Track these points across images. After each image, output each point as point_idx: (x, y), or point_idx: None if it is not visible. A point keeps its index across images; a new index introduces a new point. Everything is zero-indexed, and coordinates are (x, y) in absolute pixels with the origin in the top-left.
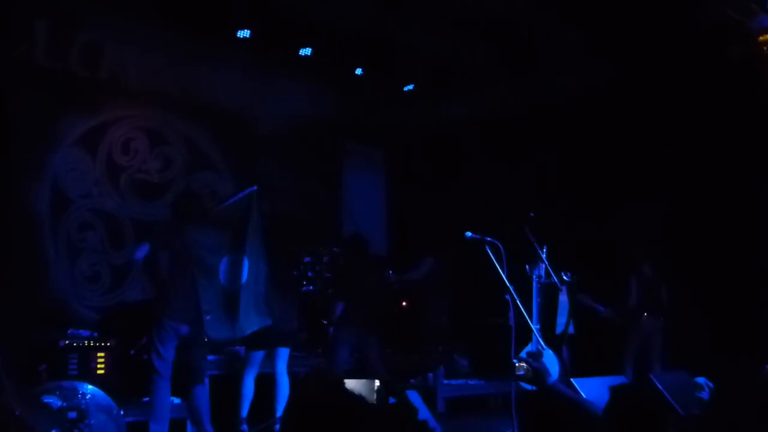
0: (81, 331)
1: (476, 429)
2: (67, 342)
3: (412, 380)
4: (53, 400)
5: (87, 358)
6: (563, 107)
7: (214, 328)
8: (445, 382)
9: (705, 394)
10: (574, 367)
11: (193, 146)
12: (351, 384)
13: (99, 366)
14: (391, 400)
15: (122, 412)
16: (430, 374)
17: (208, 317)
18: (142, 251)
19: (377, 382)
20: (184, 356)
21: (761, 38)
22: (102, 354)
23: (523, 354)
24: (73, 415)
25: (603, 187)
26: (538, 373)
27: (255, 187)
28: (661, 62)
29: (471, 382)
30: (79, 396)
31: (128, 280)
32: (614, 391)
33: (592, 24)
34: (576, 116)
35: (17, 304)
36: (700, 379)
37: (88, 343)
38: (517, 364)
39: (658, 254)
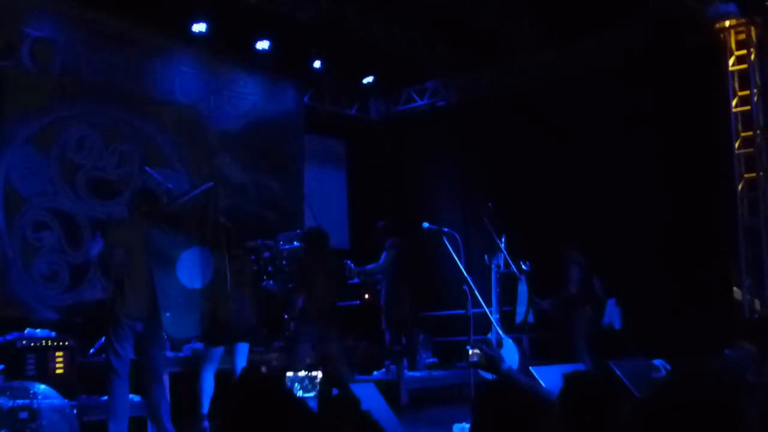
0: (39, 330)
1: (438, 420)
2: (24, 342)
3: (375, 372)
4: (3, 401)
5: (45, 358)
6: (520, 98)
7: (174, 326)
8: (408, 374)
9: (661, 376)
10: (534, 356)
11: (148, 142)
12: (292, 373)
13: (58, 366)
14: (335, 391)
15: (75, 412)
16: (393, 366)
17: (167, 314)
18: (96, 247)
19: (319, 374)
20: (142, 354)
21: (717, 26)
22: (60, 354)
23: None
24: (24, 415)
25: (560, 177)
26: (491, 359)
27: (212, 183)
28: (618, 53)
29: (434, 373)
30: (31, 395)
31: (87, 278)
32: (567, 377)
33: (545, 15)
34: (532, 107)
35: None
36: (657, 361)
37: (46, 342)
38: (470, 351)
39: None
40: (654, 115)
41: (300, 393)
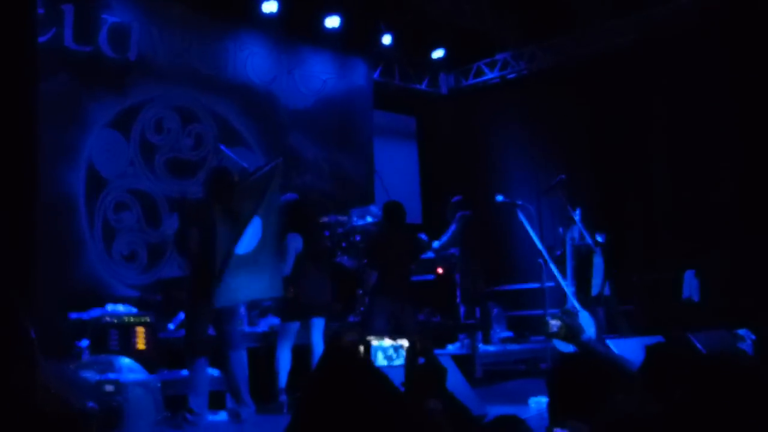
0: (121, 307)
1: (514, 394)
2: (108, 318)
3: (449, 346)
4: (90, 374)
5: (128, 334)
6: (592, 67)
7: (244, 289)
8: (483, 347)
9: (747, 346)
10: (610, 330)
11: (223, 123)
12: (377, 343)
13: (139, 341)
14: (421, 360)
15: (159, 385)
16: (467, 340)
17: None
18: (172, 226)
19: (405, 342)
20: (220, 329)
21: None
22: (142, 329)
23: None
24: (109, 388)
25: (635, 146)
26: (570, 329)
27: (280, 159)
28: (693, 17)
29: (509, 347)
30: (116, 369)
31: (165, 257)
32: (650, 349)
33: None
34: (605, 76)
35: (55, 284)
36: (742, 331)
37: (128, 319)
38: (550, 321)
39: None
40: (731, 80)
41: (384, 363)
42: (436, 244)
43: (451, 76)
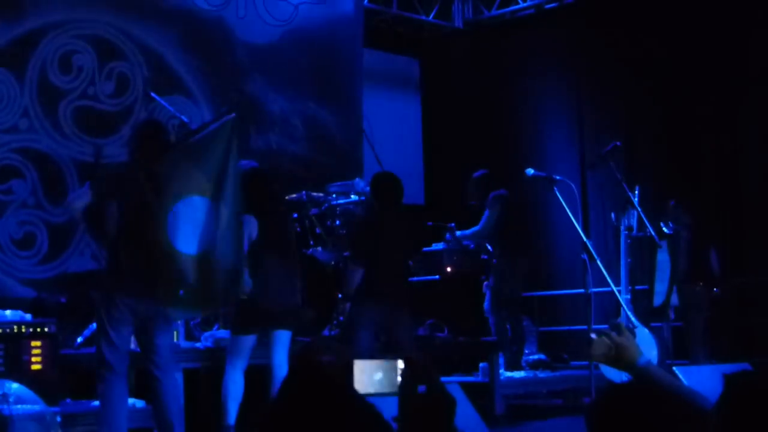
0: (9, 313)
1: None
2: None
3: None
4: None
5: (17, 349)
6: None
7: (187, 304)
8: (505, 374)
9: None
10: (679, 352)
11: (156, 61)
12: (366, 366)
13: (34, 359)
14: (421, 388)
15: (59, 420)
16: (484, 364)
17: (180, 291)
18: (81, 198)
19: (400, 363)
20: (146, 344)
21: None
22: (38, 343)
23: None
24: None
25: (723, 105)
26: (623, 350)
27: (233, 114)
28: None
29: (541, 374)
30: (0, 398)
31: (72, 243)
32: (730, 379)
33: None
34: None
35: None
36: None
37: (19, 328)
38: (595, 339)
39: None
40: None
41: (371, 391)
42: (466, 233)
43: (468, 3)
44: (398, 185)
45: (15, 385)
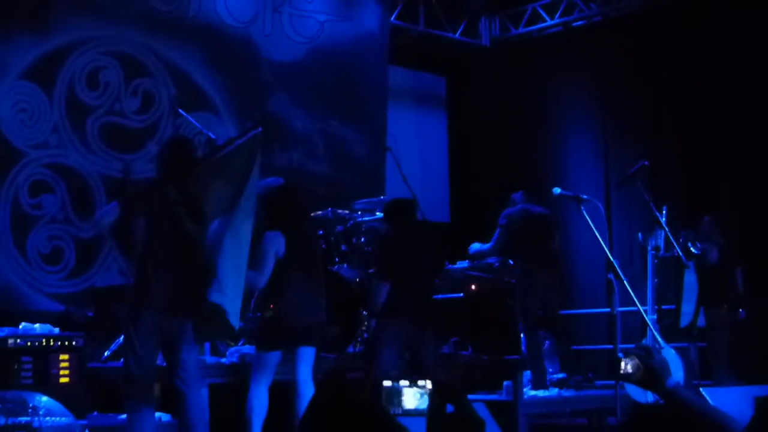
0: (38, 326)
1: None
2: (18, 341)
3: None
4: None
5: (46, 363)
6: (696, 10)
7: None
8: (529, 393)
9: None
10: (706, 374)
11: (182, 78)
12: (390, 383)
13: (62, 373)
14: (449, 408)
15: None
16: (508, 382)
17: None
18: (109, 215)
19: (428, 384)
20: (173, 359)
21: None
22: (66, 357)
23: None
24: None
25: (753, 125)
26: (652, 371)
27: (260, 129)
28: None
29: (565, 393)
30: (30, 411)
31: (99, 258)
32: (761, 402)
33: None
34: (717, 22)
35: None
36: None
37: (47, 342)
38: (623, 360)
39: None
40: None
41: (400, 411)
42: (475, 247)
43: (495, 21)
44: (409, 205)
45: (44, 398)
